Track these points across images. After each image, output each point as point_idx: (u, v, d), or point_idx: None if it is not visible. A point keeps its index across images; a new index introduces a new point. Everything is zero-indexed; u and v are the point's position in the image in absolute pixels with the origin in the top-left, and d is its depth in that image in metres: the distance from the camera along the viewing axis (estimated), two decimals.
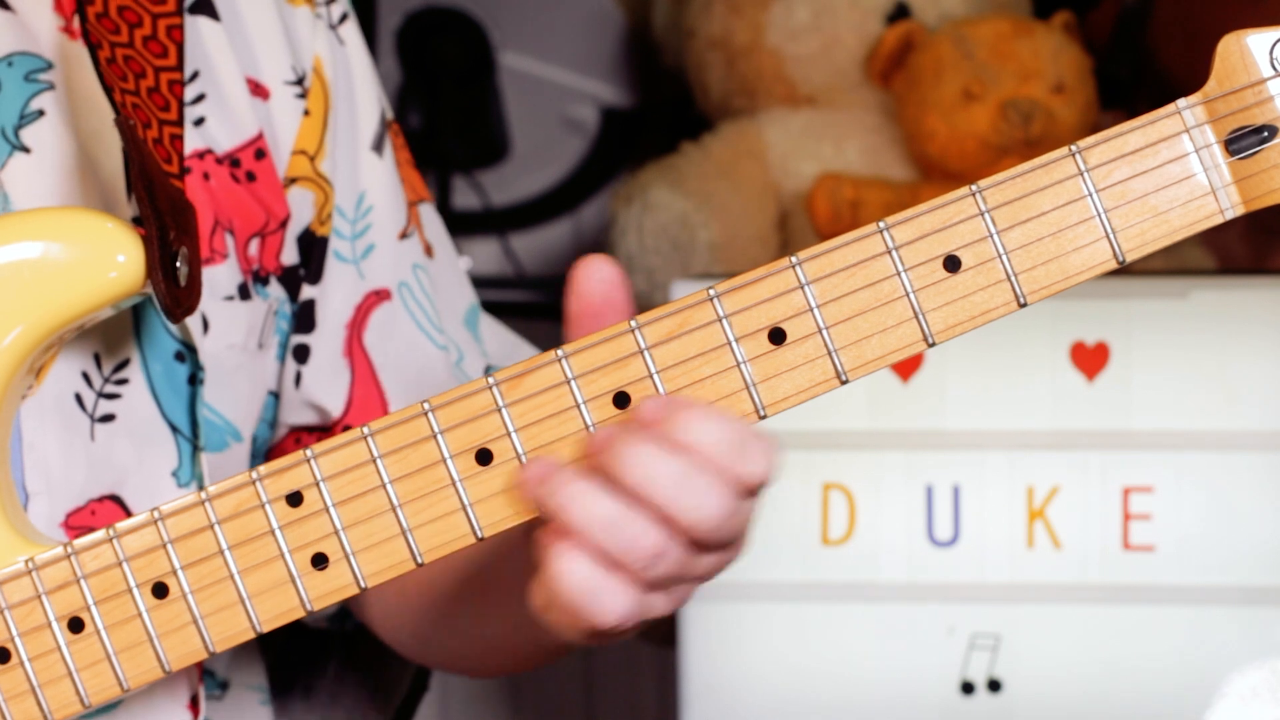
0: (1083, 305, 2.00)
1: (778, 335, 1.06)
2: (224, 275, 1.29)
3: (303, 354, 1.36)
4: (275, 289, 1.33)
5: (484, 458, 1.06)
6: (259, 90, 1.32)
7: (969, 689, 2.02)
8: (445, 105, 2.99)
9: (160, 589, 1.08)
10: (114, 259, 1.12)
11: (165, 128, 1.21)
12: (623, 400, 1.06)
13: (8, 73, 1.22)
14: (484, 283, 2.49)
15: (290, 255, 1.34)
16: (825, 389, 1.06)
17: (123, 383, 1.24)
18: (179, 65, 1.24)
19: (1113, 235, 1.05)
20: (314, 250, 1.35)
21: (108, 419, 1.24)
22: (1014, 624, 2.01)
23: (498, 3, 3.00)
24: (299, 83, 1.34)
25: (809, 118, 2.60)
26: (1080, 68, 2.49)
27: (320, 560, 1.07)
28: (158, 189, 1.14)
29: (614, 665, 2.95)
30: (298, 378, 1.37)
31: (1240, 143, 1.05)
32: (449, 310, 1.43)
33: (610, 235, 2.57)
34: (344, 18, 1.38)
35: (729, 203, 2.54)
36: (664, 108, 2.97)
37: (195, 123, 1.29)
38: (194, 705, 1.28)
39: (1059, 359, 2.01)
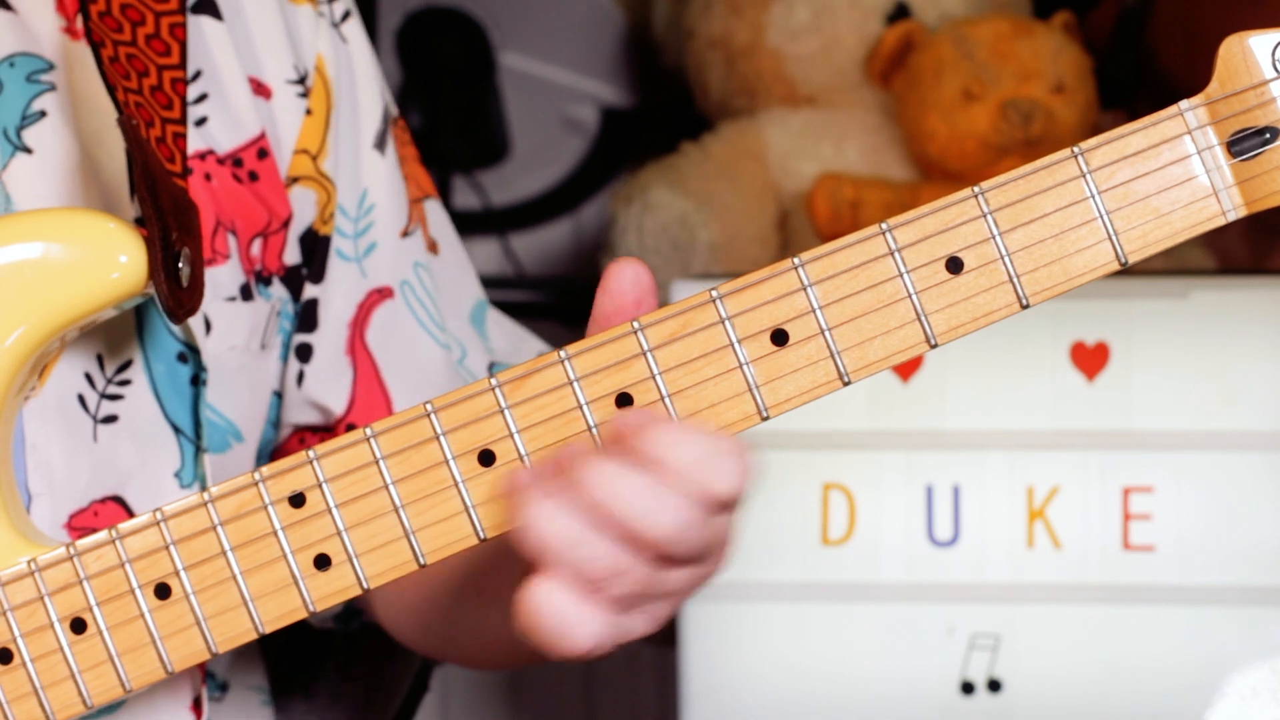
0: (1083, 305, 2.00)
1: (780, 337, 1.06)
2: (226, 276, 1.29)
3: (305, 353, 1.36)
4: (278, 289, 1.33)
5: (486, 459, 1.06)
6: (261, 90, 1.32)
7: (969, 689, 2.02)
8: (445, 105, 2.98)
9: (163, 590, 1.08)
10: (116, 259, 1.11)
11: (168, 126, 1.21)
12: (625, 402, 1.06)
13: (9, 73, 1.22)
14: (484, 283, 2.49)
15: (293, 255, 1.34)
16: (828, 390, 1.06)
17: (125, 384, 1.24)
18: (182, 63, 1.23)
19: (1115, 237, 1.05)
20: (316, 250, 1.35)
21: (110, 420, 1.24)
22: (1014, 624, 2.01)
23: (498, 3, 3.00)
24: (301, 82, 1.34)
25: (809, 118, 2.60)
26: (1080, 68, 2.49)
27: (323, 561, 1.07)
28: (160, 188, 1.14)
29: (614, 665, 2.95)
30: (300, 377, 1.37)
31: (1242, 144, 1.05)
32: (453, 307, 1.43)
33: (610, 235, 2.57)
34: (346, 15, 1.38)
35: (729, 203, 2.54)
36: (664, 108, 2.96)
37: (197, 123, 1.29)
38: (197, 707, 1.28)
39: (1059, 359, 2.01)
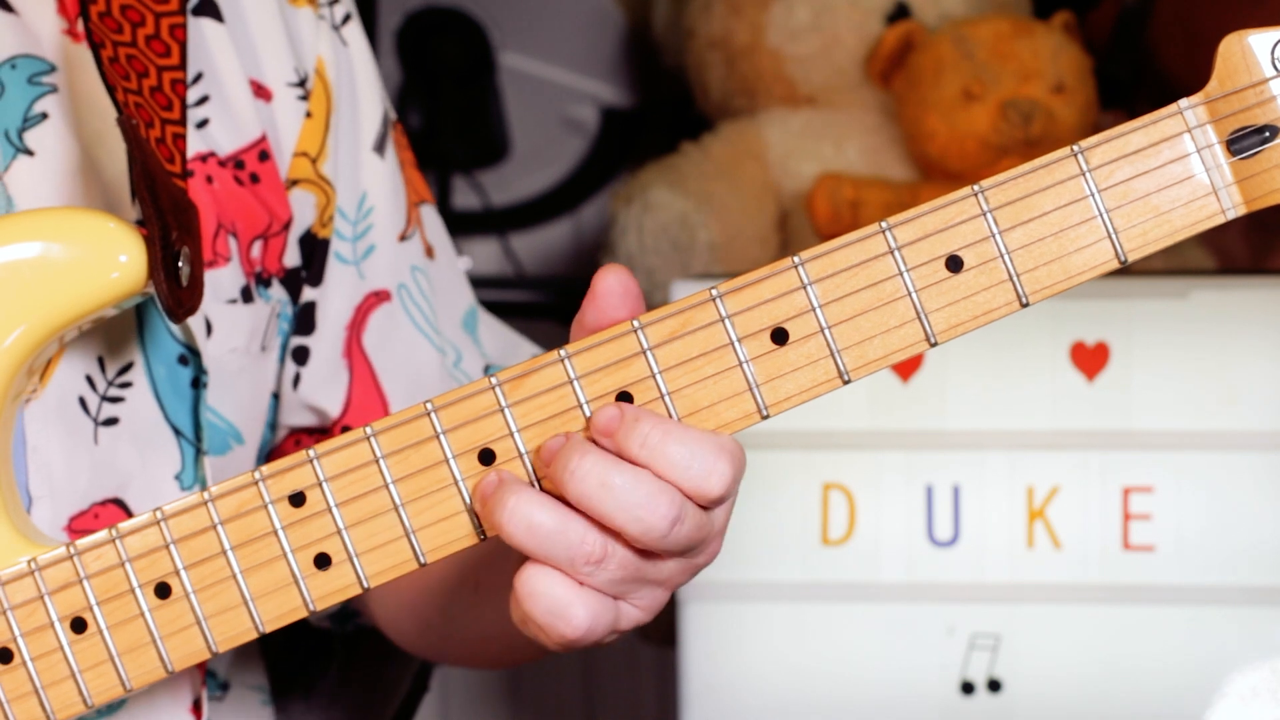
0: (1083, 305, 2.00)
1: (780, 335, 1.06)
2: (227, 278, 1.29)
3: (302, 356, 1.36)
4: (277, 291, 1.33)
5: (486, 458, 1.06)
6: (262, 92, 1.32)
7: (969, 689, 2.02)
8: (445, 105, 2.98)
9: (163, 589, 1.08)
10: (116, 259, 1.11)
11: (168, 127, 1.21)
12: (625, 400, 1.06)
13: (11, 75, 1.22)
14: (484, 283, 2.50)
15: (292, 257, 1.34)
16: (828, 389, 1.06)
17: (126, 386, 1.24)
18: (182, 64, 1.23)
19: (1114, 235, 1.05)
20: (315, 252, 1.35)
21: (111, 422, 1.24)
22: (1014, 624, 2.01)
23: (498, 3, 3.00)
24: (301, 84, 1.33)
25: (809, 118, 2.60)
26: (1080, 68, 2.49)
27: (323, 560, 1.07)
28: (160, 189, 1.14)
29: (614, 665, 2.95)
30: (296, 379, 1.37)
31: (1242, 143, 1.05)
32: (447, 312, 1.43)
33: (610, 235, 2.57)
34: (347, 18, 1.38)
35: (729, 203, 2.54)
36: (664, 108, 2.96)
37: (198, 125, 1.29)
38: (197, 707, 1.28)
39: (1059, 359, 2.01)
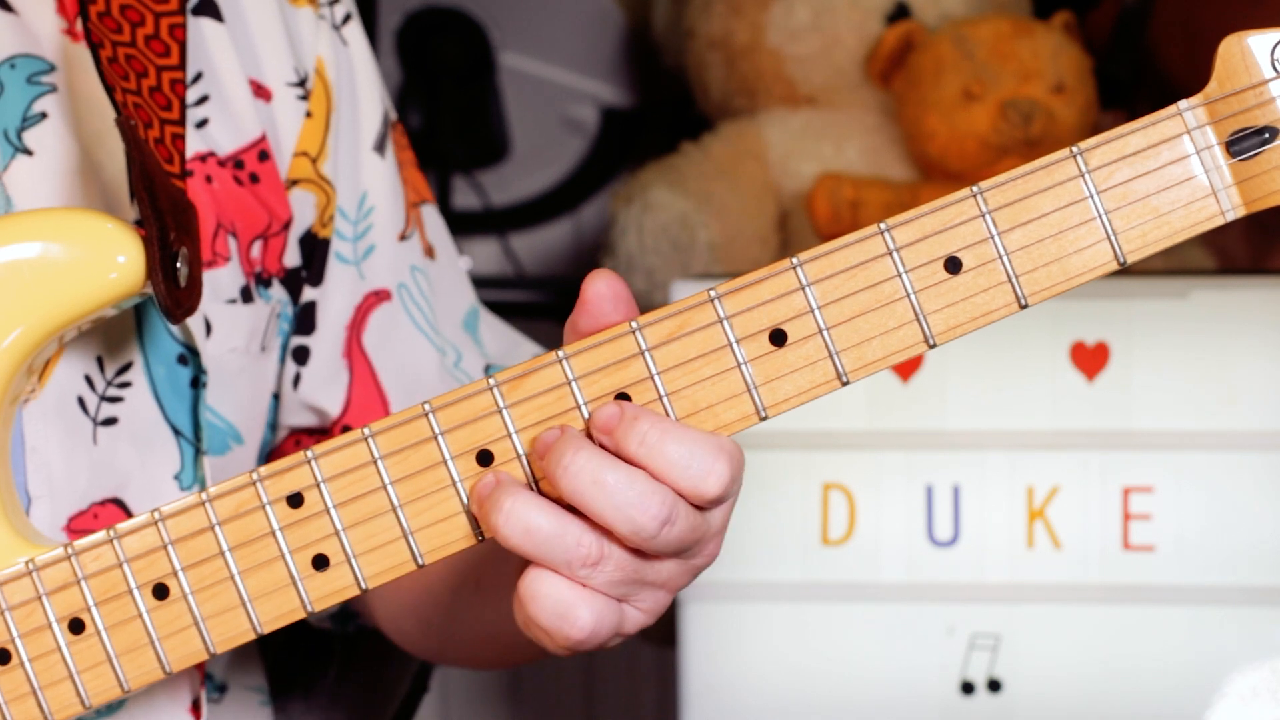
0: (1083, 305, 2.00)
1: (779, 336, 1.06)
2: (227, 278, 1.29)
3: (302, 355, 1.36)
4: (277, 291, 1.33)
5: (485, 459, 1.06)
6: (261, 92, 1.32)
7: (969, 689, 2.02)
8: (445, 105, 2.98)
9: (161, 590, 1.08)
10: (114, 259, 1.11)
11: (167, 127, 1.20)
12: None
13: (10, 75, 1.22)
14: (484, 283, 2.49)
15: (292, 257, 1.34)
16: (826, 390, 1.06)
17: (125, 386, 1.24)
18: (181, 64, 1.23)
19: (1114, 237, 1.05)
20: (316, 252, 1.35)
21: (110, 422, 1.24)
22: (1014, 624, 2.01)
23: (498, 3, 3.00)
24: (301, 84, 1.33)
25: (809, 118, 2.60)
26: (1080, 68, 2.49)
27: (321, 561, 1.07)
28: (159, 189, 1.14)
29: (614, 665, 2.95)
30: (296, 379, 1.36)
31: (1241, 144, 1.05)
32: (448, 312, 1.43)
33: (610, 235, 2.56)
34: (347, 18, 1.38)
35: (729, 203, 2.54)
36: (664, 108, 2.96)
37: (198, 125, 1.28)
38: (195, 708, 1.28)
39: (1059, 359, 2.01)
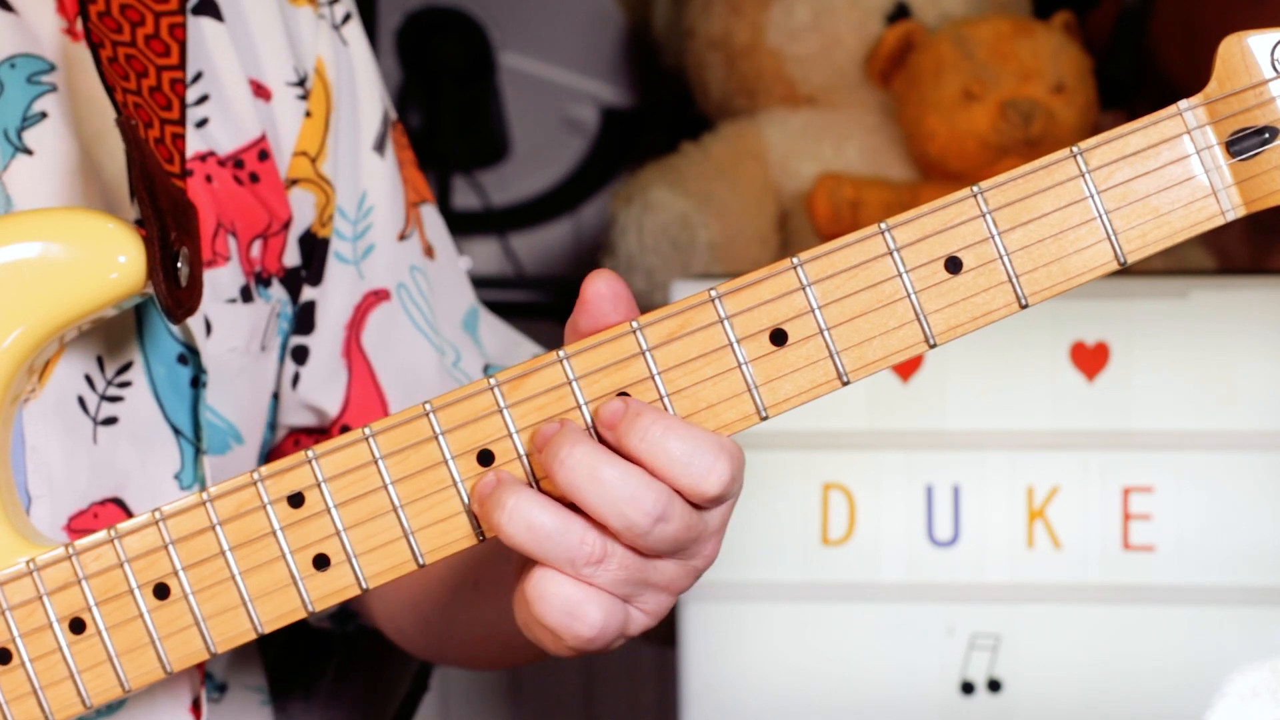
0: (1083, 305, 2.00)
1: (779, 336, 1.06)
2: (227, 278, 1.29)
3: (301, 355, 1.36)
4: (277, 290, 1.33)
5: (485, 459, 1.06)
6: (261, 91, 1.32)
7: (969, 689, 2.02)
8: (445, 105, 2.98)
9: (162, 590, 1.08)
10: (115, 259, 1.11)
11: (167, 127, 1.20)
12: None
13: (10, 75, 1.22)
14: (484, 283, 2.50)
15: (292, 257, 1.34)
16: (827, 390, 1.06)
17: (125, 385, 1.24)
18: (181, 64, 1.23)
19: (1114, 237, 1.05)
20: (315, 252, 1.35)
21: (110, 422, 1.24)
22: (1014, 624, 2.01)
23: (498, 3, 3.00)
24: (301, 84, 1.33)
25: (809, 118, 2.60)
26: (1080, 68, 2.49)
27: (322, 561, 1.07)
28: (159, 189, 1.14)
29: (614, 665, 2.95)
30: (295, 379, 1.36)
31: (1241, 144, 1.05)
32: (447, 312, 1.43)
33: (610, 235, 2.56)
34: (347, 18, 1.38)
35: (729, 203, 2.54)
36: (664, 108, 2.96)
37: (198, 124, 1.28)
38: (196, 707, 1.28)
39: (1059, 359, 2.01)
